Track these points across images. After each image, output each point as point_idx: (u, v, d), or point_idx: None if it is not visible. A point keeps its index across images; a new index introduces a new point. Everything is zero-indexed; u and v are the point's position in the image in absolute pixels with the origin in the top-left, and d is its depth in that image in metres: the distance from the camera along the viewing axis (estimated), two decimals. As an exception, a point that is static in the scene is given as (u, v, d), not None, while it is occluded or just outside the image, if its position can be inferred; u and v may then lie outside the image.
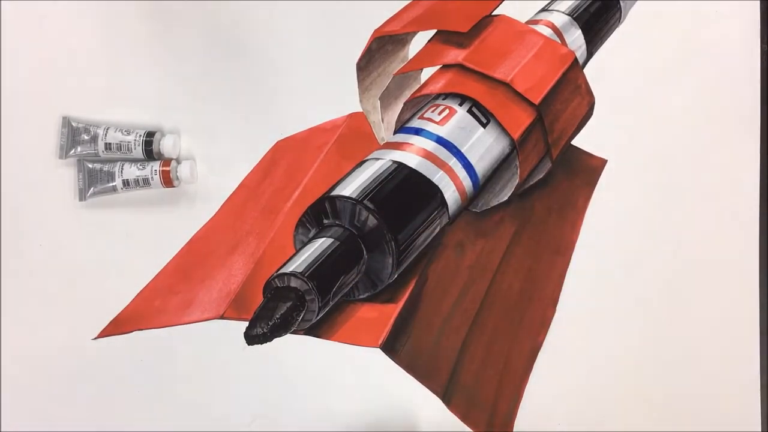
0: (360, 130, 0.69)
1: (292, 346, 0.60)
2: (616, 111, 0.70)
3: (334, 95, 0.69)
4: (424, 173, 0.58)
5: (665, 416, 0.66)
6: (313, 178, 0.68)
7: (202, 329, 0.65)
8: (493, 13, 0.65)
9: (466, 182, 0.60)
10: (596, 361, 0.67)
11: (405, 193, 0.57)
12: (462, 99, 0.62)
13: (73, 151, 0.68)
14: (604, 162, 0.70)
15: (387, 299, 0.61)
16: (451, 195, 0.59)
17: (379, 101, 0.67)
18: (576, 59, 0.64)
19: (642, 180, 0.70)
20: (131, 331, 0.66)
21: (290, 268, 0.53)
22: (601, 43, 0.71)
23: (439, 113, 0.61)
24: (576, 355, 0.66)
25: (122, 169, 0.68)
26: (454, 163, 0.60)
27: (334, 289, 0.54)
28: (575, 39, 0.67)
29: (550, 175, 0.67)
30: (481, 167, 0.61)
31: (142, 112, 0.70)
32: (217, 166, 0.69)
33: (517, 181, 0.64)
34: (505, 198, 0.65)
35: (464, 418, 0.63)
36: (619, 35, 0.72)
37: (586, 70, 0.68)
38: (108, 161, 0.68)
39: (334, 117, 0.70)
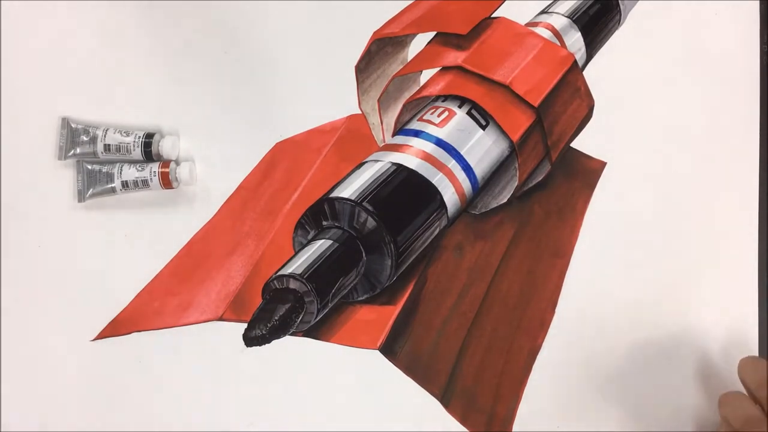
0: (359, 131, 0.69)
1: (290, 347, 0.60)
2: (615, 113, 0.70)
3: (333, 97, 0.69)
4: (423, 175, 0.58)
5: (665, 417, 0.66)
6: (312, 180, 0.68)
7: (201, 331, 0.65)
8: (493, 16, 0.65)
9: (465, 184, 0.61)
10: (595, 363, 0.67)
11: (404, 195, 0.57)
12: (461, 101, 0.62)
13: (72, 152, 0.68)
14: (603, 164, 0.70)
15: (386, 301, 0.61)
16: (450, 197, 0.59)
17: (378, 103, 0.67)
18: (575, 62, 0.64)
19: (641, 182, 0.70)
20: (129, 333, 0.66)
21: (289, 269, 0.53)
22: (601, 45, 0.71)
23: (439, 115, 0.62)
24: (575, 357, 0.66)
25: (121, 170, 0.68)
26: (453, 165, 0.60)
27: (333, 291, 0.54)
28: (575, 41, 0.67)
29: (550, 177, 0.67)
30: (480, 169, 0.61)
31: (142, 113, 0.70)
32: (216, 168, 0.69)
33: (517, 183, 0.64)
34: (505, 200, 0.65)
35: (463, 420, 0.63)
36: (618, 37, 0.72)
37: (585, 73, 0.68)
38: (107, 162, 0.68)
39: (334, 119, 0.70)
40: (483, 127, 0.61)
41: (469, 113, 0.62)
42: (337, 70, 0.69)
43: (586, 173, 0.70)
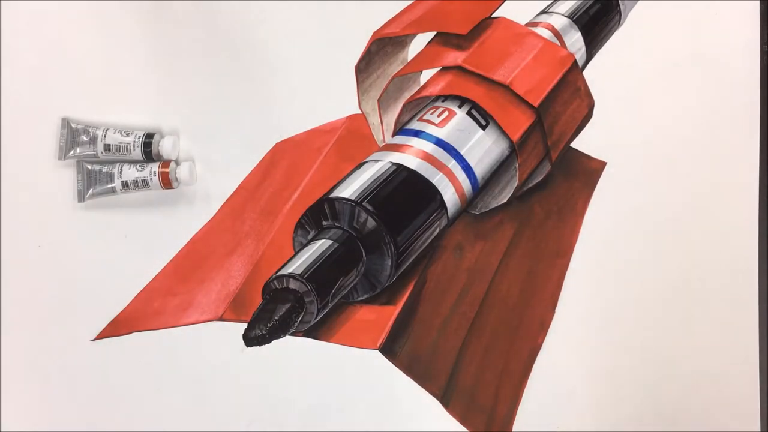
0: (359, 131, 0.69)
1: (290, 347, 0.60)
2: (615, 113, 0.70)
3: (333, 97, 0.69)
4: (423, 175, 0.58)
5: (665, 417, 0.66)
6: (312, 180, 0.68)
7: (201, 331, 0.65)
8: (493, 16, 0.65)
9: (466, 184, 0.60)
10: (595, 363, 0.67)
11: (404, 195, 0.57)
12: (461, 101, 0.62)
13: (72, 152, 0.68)
14: (603, 164, 0.70)
15: (386, 301, 0.61)
16: (450, 197, 0.59)
17: (378, 103, 0.67)
18: (575, 62, 0.64)
19: (641, 182, 0.70)
20: (129, 333, 0.66)
21: (289, 269, 0.53)
22: (601, 45, 0.71)
23: (439, 115, 0.62)
24: (575, 356, 0.66)
25: (121, 170, 0.68)
26: (453, 165, 0.60)
27: (333, 291, 0.54)
28: (575, 41, 0.67)
29: (550, 177, 0.67)
30: (480, 169, 0.61)
31: (142, 113, 0.70)
32: (216, 168, 0.69)
33: (517, 183, 0.64)
34: (505, 200, 0.65)
35: (463, 420, 0.63)
36: (618, 37, 0.72)
37: (585, 73, 0.68)
38: (107, 162, 0.68)
39: (334, 119, 0.70)
40: (483, 127, 0.61)
41: (469, 113, 0.61)
42: (337, 70, 0.68)
43: (586, 173, 0.70)
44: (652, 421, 0.66)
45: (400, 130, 0.63)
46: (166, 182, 0.67)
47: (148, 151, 0.68)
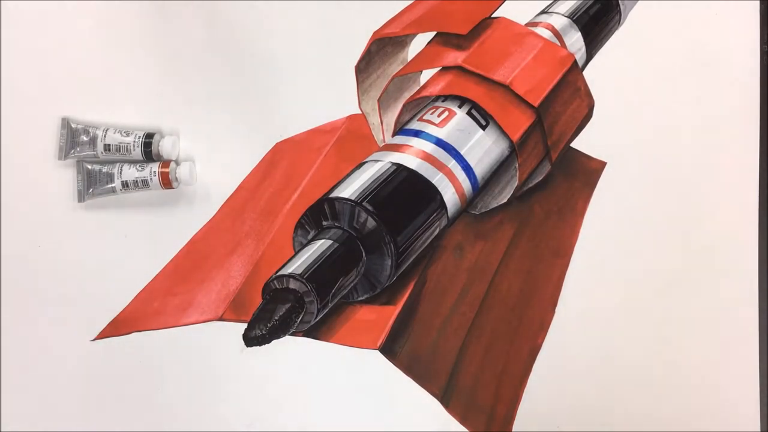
0: (359, 131, 0.69)
1: (290, 347, 0.60)
2: (615, 113, 0.70)
3: (333, 97, 0.69)
4: (423, 175, 0.58)
5: (665, 417, 0.66)
6: (312, 180, 0.68)
7: (201, 331, 0.65)
8: (493, 16, 0.65)
9: (466, 184, 0.60)
10: (595, 363, 0.67)
11: (404, 195, 0.57)
12: (461, 101, 0.62)
13: (72, 152, 0.68)
14: (603, 164, 0.70)
15: (386, 301, 0.61)
16: (450, 197, 0.59)
17: (378, 103, 0.67)
18: (575, 62, 0.64)
19: (641, 182, 0.70)
20: (129, 333, 0.66)
21: (289, 269, 0.53)
22: (601, 45, 0.71)
23: (439, 115, 0.62)
24: (575, 356, 0.66)
25: (121, 170, 0.68)
26: (453, 165, 0.60)
27: (333, 291, 0.54)
28: (575, 41, 0.67)
29: (550, 177, 0.67)
30: (480, 169, 0.61)
31: (142, 113, 0.70)
32: (216, 168, 0.69)
33: (517, 183, 0.64)
34: (505, 200, 0.65)
35: (463, 420, 0.63)
36: (618, 37, 0.72)
37: (585, 73, 0.68)
38: (107, 162, 0.68)
39: (334, 119, 0.70)
40: (483, 127, 0.61)
41: (469, 113, 0.62)
42: (337, 70, 0.69)
43: (586, 173, 0.70)
44: (652, 422, 0.66)
45: (400, 130, 0.63)
46: (166, 182, 0.67)
47: (148, 151, 0.68)
